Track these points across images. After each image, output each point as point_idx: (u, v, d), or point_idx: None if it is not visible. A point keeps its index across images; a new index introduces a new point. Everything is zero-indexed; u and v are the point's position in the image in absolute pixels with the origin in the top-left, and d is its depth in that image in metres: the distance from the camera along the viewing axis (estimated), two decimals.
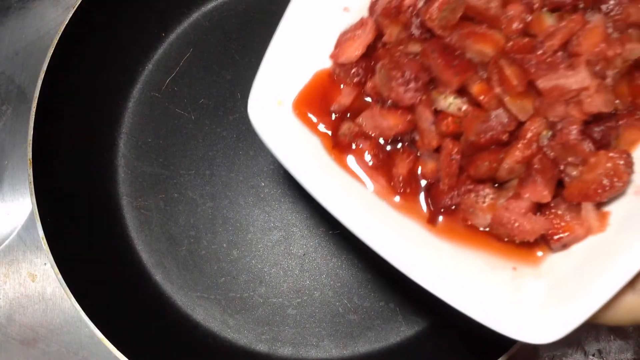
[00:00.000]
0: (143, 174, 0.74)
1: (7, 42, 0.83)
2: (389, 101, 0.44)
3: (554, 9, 0.41)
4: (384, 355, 0.67)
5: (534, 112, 0.39)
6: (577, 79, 0.37)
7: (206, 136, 0.74)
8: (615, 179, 0.39)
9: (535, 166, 0.40)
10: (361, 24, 0.46)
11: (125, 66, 0.76)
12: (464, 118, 0.41)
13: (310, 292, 0.70)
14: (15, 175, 0.79)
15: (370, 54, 0.47)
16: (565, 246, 0.42)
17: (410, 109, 0.43)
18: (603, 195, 0.40)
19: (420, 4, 0.42)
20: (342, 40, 0.46)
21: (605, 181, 0.39)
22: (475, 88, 0.40)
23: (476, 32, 0.40)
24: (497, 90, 0.39)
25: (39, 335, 0.74)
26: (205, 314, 0.69)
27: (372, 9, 0.47)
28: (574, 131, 0.38)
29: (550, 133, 0.40)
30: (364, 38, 0.46)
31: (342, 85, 0.47)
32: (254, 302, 0.69)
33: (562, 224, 0.41)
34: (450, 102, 0.41)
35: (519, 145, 0.40)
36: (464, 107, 0.41)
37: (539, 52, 0.39)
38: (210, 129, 0.75)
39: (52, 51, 0.65)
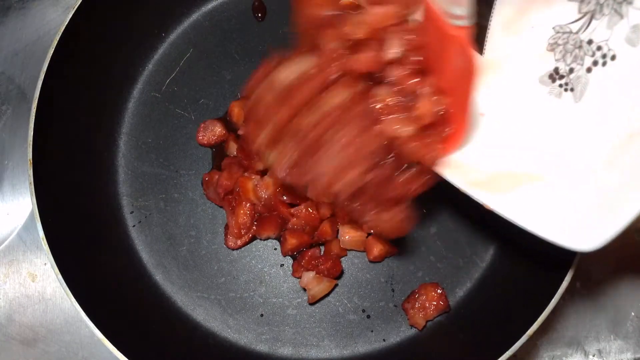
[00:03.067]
0: (143, 174, 0.74)
1: (7, 42, 0.83)
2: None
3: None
4: (384, 355, 0.67)
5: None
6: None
7: None
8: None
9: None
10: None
11: (125, 66, 0.76)
12: None
13: None
14: (15, 175, 0.79)
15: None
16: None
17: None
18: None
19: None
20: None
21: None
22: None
23: None
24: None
25: (39, 335, 0.74)
26: (205, 314, 0.69)
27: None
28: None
29: None
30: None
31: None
32: (254, 302, 0.69)
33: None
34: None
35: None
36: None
37: None
38: None
39: (52, 51, 0.65)
